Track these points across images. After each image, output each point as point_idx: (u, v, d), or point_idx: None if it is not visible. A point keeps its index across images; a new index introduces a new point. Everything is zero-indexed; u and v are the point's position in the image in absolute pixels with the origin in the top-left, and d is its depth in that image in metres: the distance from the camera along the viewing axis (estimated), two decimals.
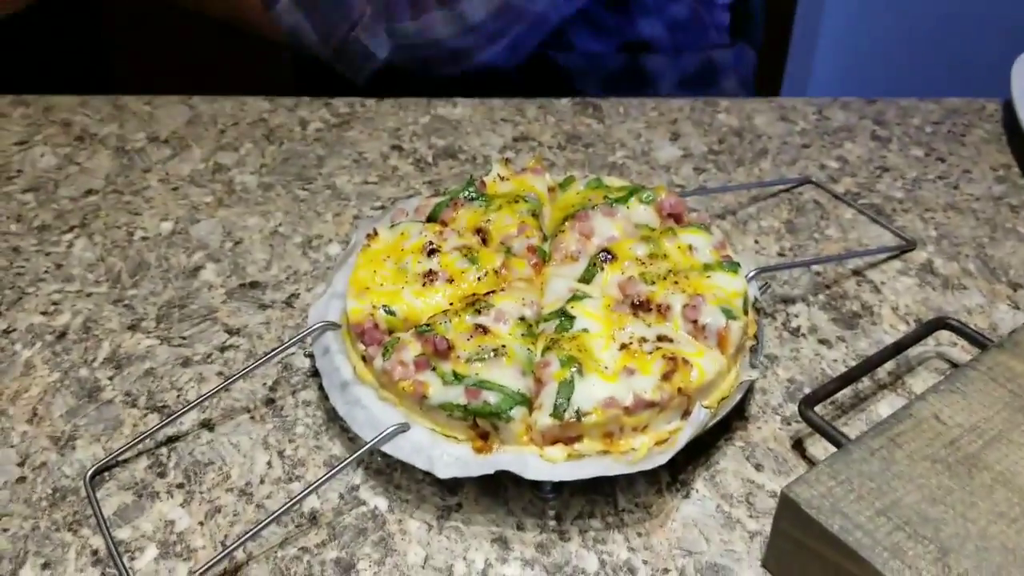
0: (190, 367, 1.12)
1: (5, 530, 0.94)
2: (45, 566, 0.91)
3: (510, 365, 0.95)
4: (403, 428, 0.95)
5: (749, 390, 1.08)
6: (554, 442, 0.92)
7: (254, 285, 1.25)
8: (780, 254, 1.32)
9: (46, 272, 1.26)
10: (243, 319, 1.19)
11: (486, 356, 0.96)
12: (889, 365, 1.13)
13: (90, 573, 0.91)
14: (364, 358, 1.01)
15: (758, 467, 1.02)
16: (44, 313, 1.20)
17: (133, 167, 1.48)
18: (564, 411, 0.91)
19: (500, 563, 0.92)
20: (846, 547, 0.81)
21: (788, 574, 0.90)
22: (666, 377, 0.93)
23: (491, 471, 0.91)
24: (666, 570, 0.91)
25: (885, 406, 1.08)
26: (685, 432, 0.92)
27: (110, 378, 1.11)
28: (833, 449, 0.95)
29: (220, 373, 1.12)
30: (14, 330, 1.17)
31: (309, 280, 1.26)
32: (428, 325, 1.00)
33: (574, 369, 0.94)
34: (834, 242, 1.35)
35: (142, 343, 1.15)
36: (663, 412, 0.94)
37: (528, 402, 0.94)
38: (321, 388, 1.09)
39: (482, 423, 0.92)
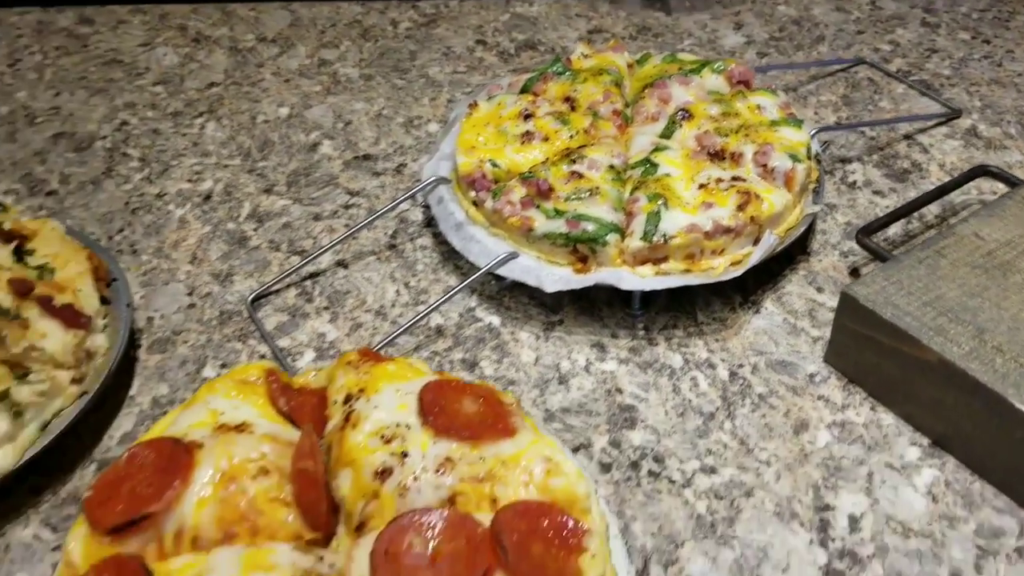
0: (320, 221, 1.30)
1: (185, 342, 1.13)
2: (223, 366, 1.10)
3: (603, 202, 1.12)
4: (513, 255, 1.12)
5: (811, 229, 1.23)
6: (643, 262, 1.09)
7: (366, 157, 1.42)
8: (837, 123, 1.46)
9: (185, 149, 1.44)
10: (360, 183, 1.37)
11: (582, 195, 1.12)
12: (935, 208, 1.27)
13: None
14: (475, 203, 1.18)
15: (819, 289, 1.17)
16: (189, 181, 1.38)
17: (247, 63, 1.65)
18: (653, 235, 1.07)
19: (599, 361, 1.09)
20: (898, 330, 0.97)
21: (847, 365, 1.06)
22: (740, 208, 1.09)
23: (591, 284, 1.07)
24: (740, 365, 1.08)
25: None
26: (757, 253, 1.08)
27: (254, 229, 1.29)
28: None
29: (347, 225, 1.29)
30: (166, 194, 1.35)
31: (413, 152, 1.43)
32: (530, 172, 1.16)
33: (660, 203, 1.10)
34: (886, 113, 1.49)
35: (277, 203, 1.33)
36: (737, 238, 1.09)
37: (620, 231, 1.10)
38: (435, 235, 1.27)
39: (581, 248, 1.09)
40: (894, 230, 1.24)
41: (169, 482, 0.79)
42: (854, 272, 1.20)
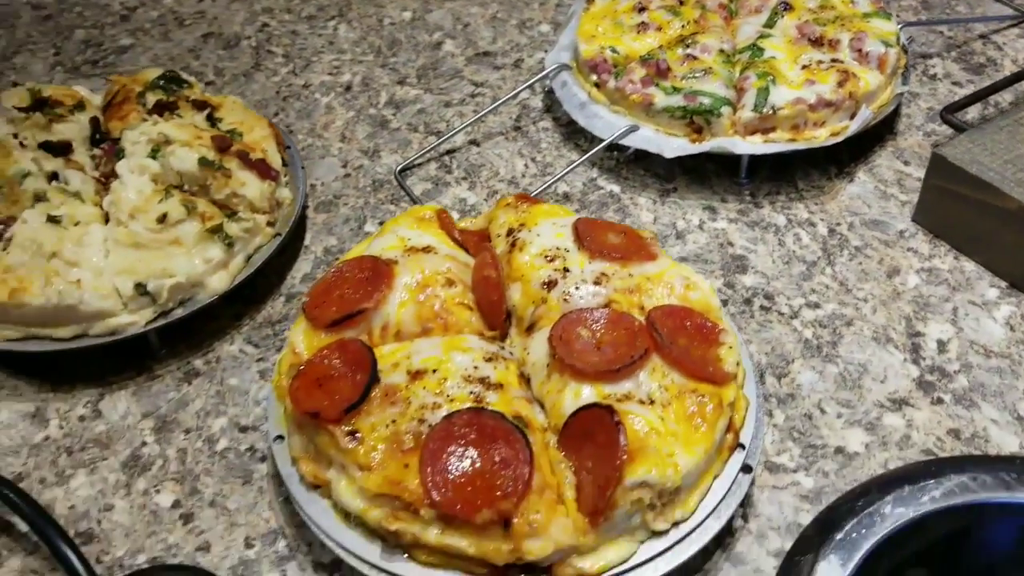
0: (450, 107, 1.46)
1: (345, 204, 1.30)
2: (380, 223, 1.27)
3: (716, 80, 1.26)
4: (634, 128, 1.26)
5: (897, 111, 1.37)
6: (753, 132, 1.23)
7: (486, 54, 1.57)
8: (919, 20, 1.57)
9: (322, 47, 1.60)
10: (483, 76, 1.52)
11: (697, 74, 1.26)
12: (1008, 96, 1.39)
13: None
14: (596, 84, 1.33)
15: (906, 163, 1.31)
16: (330, 74, 1.54)
17: None
18: (762, 107, 1.21)
19: (711, 221, 1.24)
20: (982, 182, 1.10)
21: (933, 221, 1.20)
22: (840, 84, 1.22)
23: (708, 149, 1.22)
24: (838, 224, 1.23)
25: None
26: (855, 124, 1.22)
27: (392, 114, 1.45)
28: None
29: (475, 111, 1.45)
30: (311, 84, 1.52)
31: (528, 50, 1.57)
32: (649, 55, 1.31)
33: (769, 79, 1.24)
34: (963, 16, 1.60)
35: (410, 92, 1.49)
36: (837, 112, 1.23)
37: (732, 105, 1.24)
38: (554, 119, 1.42)
39: (697, 120, 1.23)
40: (972, 113, 1.36)
41: (377, 286, 0.95)
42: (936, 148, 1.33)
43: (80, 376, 1.08)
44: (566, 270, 0.97)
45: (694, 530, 0.85)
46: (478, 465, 0.81)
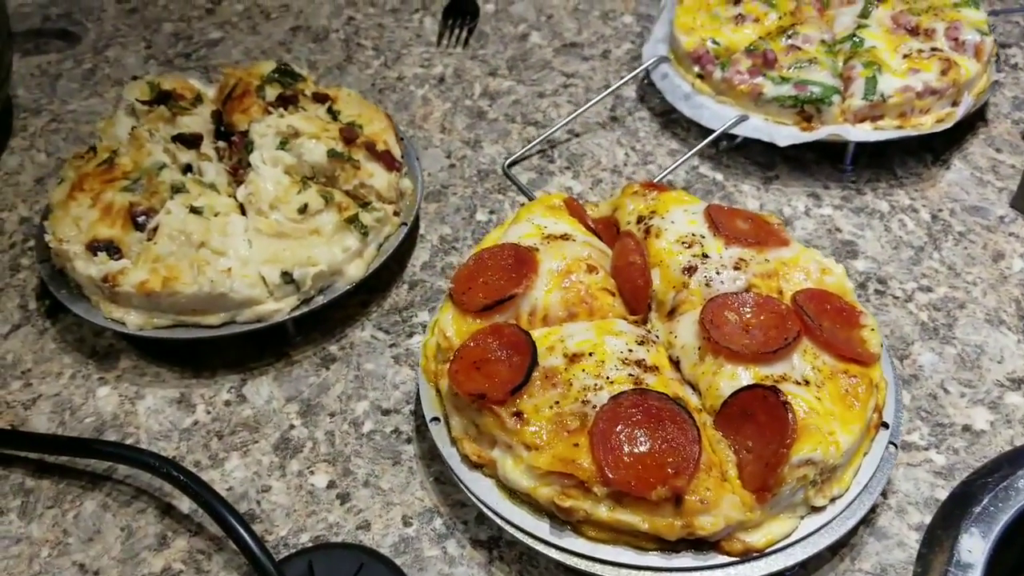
0: (545, 98, 1.49)
1: (454, 194, 1.33)
2: (491, 212, 1.30)
3: (822, 70, 1.29)
4: (744, 117, 1.29)
5: (986, 100, 1.40)
6: (862, 120, 1.26)
7: (573, 45, 1.60)
8: (1003, 9, 1.60)
9: (410, 40, 1.63)
10: (573, 67, 1.55)
11: (803, 64, 1.29)
12: None
13: None
14: (700, 76, 1.36)
15: (998, 150, 1.34)
16: (422, 67, 1.57)
17: None
18: (872, 95, 1.24)
19: (816, 207, 1.27)
20: None
21: None
22: (943, 72, 1.26)
23: (823, 137, 1.25)
24: (939, 210, 1.26)
25: None
26: (961, 109, 1.25)
27: (489, 106, 1.48)
28: None
29: (568, 101, 1.48)
30: (404, 77, 1.54)
31: (615, 40, 1.60)
32: (754, 46, 1.34)
33: (875, 69, 1.27)
34: None
35: (503, 84, 1.52)
36: (940, 99, 1.26)
37: (840, 93, 1.27)
38: (650, 109, 1.45)
39: (808, 108, 1.26)
40: None
41: (524, 273, 0.99)
42: None
43: (220, 363, 1.11)
44: (705, 256, 1.00)
45: (849, 505, 0.88)
46: (648, 444, 0.84)
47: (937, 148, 1.34)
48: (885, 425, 0.94)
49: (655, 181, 1.26)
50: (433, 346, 1.01)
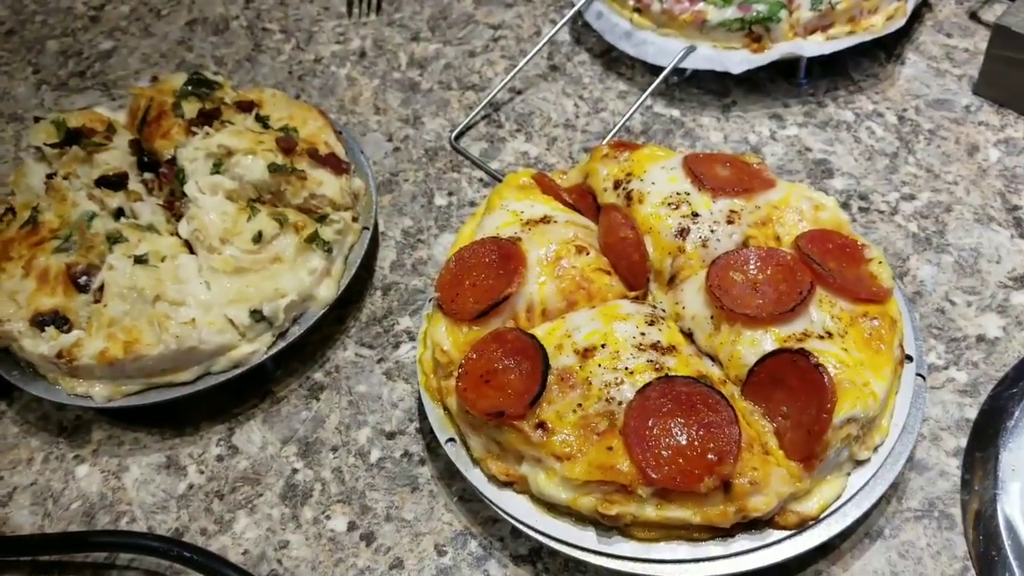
0: (476, 57, 1.40)
1: (406, 180, 1.25)
2: (450, 194, 1.22)
3: None
4: (691, 49, 1.23)
5: None
6: (812, 31, 1.21)
7: None
8: None
9: (318, 15, 1.51)
10: (498, 17, 1.46)
11: None
12: None
13: (484, 191, 1.22)
14: (637, 10, 1.28)
15: (948, 35, 1.31)
16: (337, 43, 1.46)
17: None
18: (820, 4, 1.19)
19: (781, 129, 1.23)
20: None
21: (997, 92, 1.20)
22: None
23: (777, 58, 1.19)
24: (904, 110, 1.22)
25: None
26: (910, 3, 1.21)
27: (419, 75, 1.39)
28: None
29: (502, 56, 1.39)
30: (321, 58, 1.44)
31: None
32: None
33: None
34: None
35: (429, 48, 1.43)
36: None
37: (786, 7, 1.21)
38: (588, 51, 1.37)
39: (756, 29, 1.20)
40: None
41: (513, 269, 0.92)
42: (973, 16, 1.33)
43: (201, 415, 1.04)
44: (695, 215, 0.95)
45: (891, 451, 0.86)
46: (685, 434, 0.80)
47: (888, 43, 1.30)
48: (909, 358, 0.91)
49: (612, 132, 1.20)
50: (430, 361, 0.94)
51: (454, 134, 1.28)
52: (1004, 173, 1.13)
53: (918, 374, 0.90)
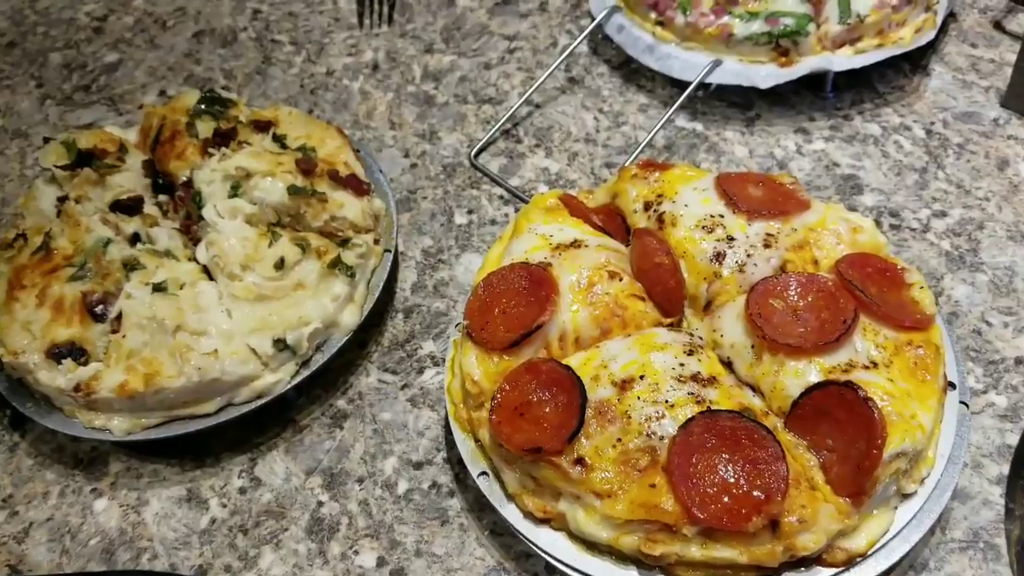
0: (492, 69, 1.37)
1: (424, 197, 1.22)
2: (470, 212, 1.20)
3: None
4: (717, 62, 1.20)
5: None
6: (841, 45, 1.18)
7: (506, 2, 1.47)
8: None
9: (328, 26, 1.48)
10: (513, 27, 1.43)
11: None
12: None
13: (504, 209, 1.19)
14: (660, 23, 1.26)
15: (973, 45, 1.28)
16: (349, 55, 1.43)
17: None
18: (848, 17, 1.16)
19: (807, 144, 1.20)
20: None
21: None
22: None
23: (806, 72, 1.17)
24: (932, 123, 1.20)
25: None
26: (940, 13, 1.19)
27: (434, 88, 1.36)
28: None
29: (519, 68, 1.36)
30: (333, 71, 1.41)
31: None
32: None
33: None
34: None
35: (444, 60, 1.40)
36: (915, 8, 1.19)
37: (814, 20, 1.19)
38: (607, 62, 1.35)
39: (784, 43, 1.18)
40: None
41: (545, 296, 0.90)
42: (997, 25, 1.31)
43: (222, 446, 1.01)
44: (730, 239, 0.93)
45: (937, 483, 0.83)
46: (731, 471, 0.78)
47: (912, 54, 1.27)
48: (952, 385, 0.89)
49: (638, 149, 1.17)
50: (459, 390, 0.92)
51: (474, 151, 1.25)
52: None
53: (961, 402, 0.88)
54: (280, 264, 0.97)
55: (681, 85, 1.22)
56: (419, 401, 1.02)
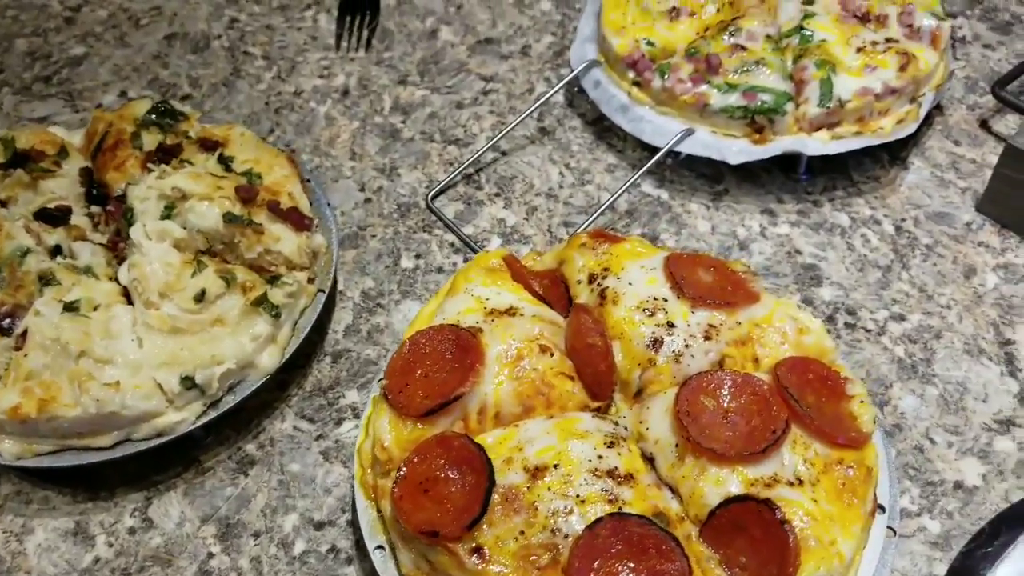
0: (464, 108, 1.33)
1: (373, 236, 1.18)
2: (418, 256, 1.15)
3: (772, 72, 1.16)
4: (689, 131, 1.16)
5: None
6: (818, 128, 1.14)
7: (489, 41, 1.43)
8: None
9: (305, 44, 1.44)
10: (491, 68, 1.39)
11: (749, 67, 1.17)
12: None
13: (453, 257, 1.15)
14: (636, 83, 1.22)
15: (956, 142, 1.25)
16: (321, 77, 1.39)
17: None
18: (828, 101, 1.12)
19: (772, 226, 1.16)
20: None
21: (1001, 212, 1.14)
22: (902, 68, 1.14)
23: (778, 153, 1.13)
24: (903, 220, 1.16)
25: None
26: (924, 108, 1.15)
27: (402, 122, 1.32)
28: (1018, 121, 1.18)
29: (491, 111, 1.32)
30: (303, 91, 1.36)
31: (534, 33, 1.44)
32: (693, 48, 1.20)
33: (829, 69, 1.15)
34: None
35: (416, 93, 1.36)
36: (900, 98, 1.15)
37: (793, 99, 1.15)
38: (580, 116, 1.31)
39: (759, 119, 1.14)
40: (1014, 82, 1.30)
41: (470, 365, 0.85)
42: (983, 124, 1.27)
43: (119, 479, 0.96)
44: (670, 325, 0.88)
45: None
46: None
47: (893, 145, 1.23)
48: (882, 508, 0.84)
49: (596, 213, 1.13)
50: (369, 453, 0.87)
51: (431, 193, 1.20)
52: (1000, 302, 1.07)
53: (889, 527, 0.83)
54: (201, 296, 0.92)
55: (653, 149, 1.18)
56: (332, 455, 0.97)
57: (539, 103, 1.24)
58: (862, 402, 0.85)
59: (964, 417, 0.98)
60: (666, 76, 1.17)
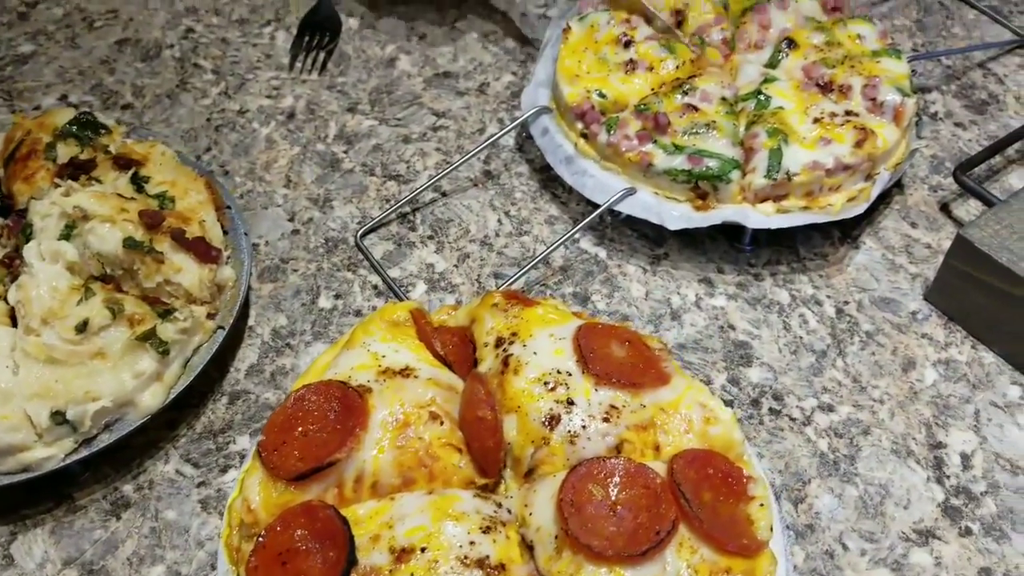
0: (410, 143, 1.29)
1: (295, 270, 1.13)
2: (337, 296, 1.10)
3: (721, 137, 1.12)
4: (631, 191, 1.12)
5: None
6: (764, 199, 1.10)
7: (447, 75, 1.39)
8: (914, 49, 1.45)
9: (258, 61, 1.40)
10: (445, 103, 1.34)
11: (699, 130, 1.12)
12: (1017, 145, 1.29)
13: (375, 301, 1.10)
14: (584, 135, 1.17)
15: (913, 224, 1.20)
16: (268, 97, 1.34)
17: None
18: (776, 173, 1.08)
19: (708, 296, 1.11)
20: (1012, 274, 1.00)
21: (949, 304, 1.09)
22: (858, 144, 1.10)
23: (718, 222, 1.08)
24: (846, 302, 1.11)
25: (1015, 178, 1.25)
26: (876, 189, 1.10)
27: (344, 151, 1.27)
28: (980, 209, 1.14)
29: (437, 148, 1.28)
30: (247, 110, 1.32)
31: (494, 71, 1.40)
32: (644, 105, 1.15)
33: (780, 139, 1.10)
34: (960, 40, 1.48)
35: (364, 123, 1.31)
36: (853, 175, 1.11)
37: (740, 167, 1.10)
38: (528, 162, 1.26)
39: (703, 185, 1.09)
40: (983, 167, 1.26)
41: (350, 428, 0.80)
42: (944, 207, 1.23)
43: None
44: (570, 402, 0.83)
45: None
46: None
47: (846, 222, 1.18)
48: None
49: (526, 268, 1.08)
50: (239, 511, 0.82)
51: (362, 231, 1.16)
52: (936, 401, 1.02)
53: None
54: (83, 326, 0.88)
55: (593, 206, 1.14)
56: (211, 505, 0.92)
57: (484, 144, 1.19)
58: (762, 505, 0.80)
59: (882, 523, 0.93)
60: (612, 131, 1.13)
